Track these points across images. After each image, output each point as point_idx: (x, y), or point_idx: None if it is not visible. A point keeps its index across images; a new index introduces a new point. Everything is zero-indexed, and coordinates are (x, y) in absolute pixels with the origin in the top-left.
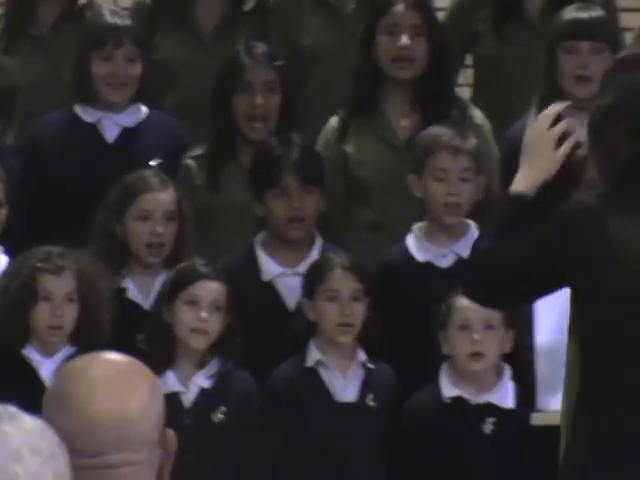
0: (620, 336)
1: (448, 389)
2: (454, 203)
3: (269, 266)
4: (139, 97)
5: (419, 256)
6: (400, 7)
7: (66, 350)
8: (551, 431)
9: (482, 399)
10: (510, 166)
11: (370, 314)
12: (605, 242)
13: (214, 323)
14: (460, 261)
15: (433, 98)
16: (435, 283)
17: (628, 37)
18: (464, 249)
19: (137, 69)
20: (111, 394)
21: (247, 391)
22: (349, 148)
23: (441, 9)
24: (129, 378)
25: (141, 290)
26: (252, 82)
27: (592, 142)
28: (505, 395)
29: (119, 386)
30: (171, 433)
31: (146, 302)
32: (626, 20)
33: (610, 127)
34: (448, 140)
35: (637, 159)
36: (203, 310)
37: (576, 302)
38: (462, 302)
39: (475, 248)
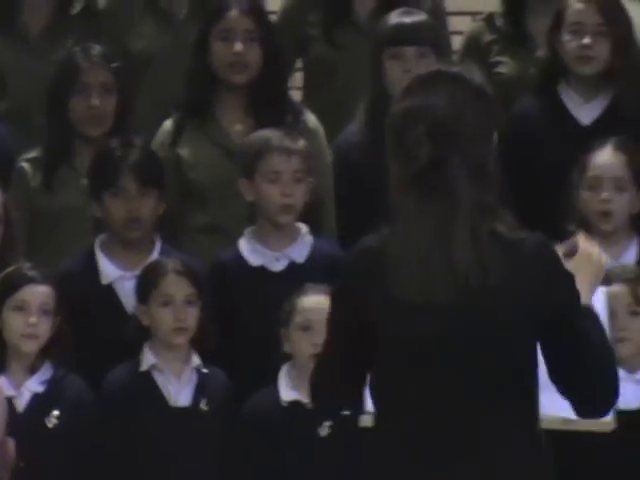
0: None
1: (286, 392)
2: (288, 204)
3: (108, 269)
4: None
5: (252, 260)
6: (234, 12)
7: None
8: None
9: None
10: (341, 170)
11: (204, 318)
12: (384, 278)
13: (44, 327)
14: (293, 265)
15: (267, 103)
16: (268, 287)
17: (457, 41)
18: (297, 253)
19: None
20: None
21: (80, 395)
22: (183, 151)
23: (273, 12)
24: None
25: None
26: (88, 83)
27: (391, 147)
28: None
29: None
30: (10, 442)
31: None
32: (454, 24)
33: (410, 128)
34: (279, 142)
35: (437, 161)
36: (32, 315)
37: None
38: (305, 302)
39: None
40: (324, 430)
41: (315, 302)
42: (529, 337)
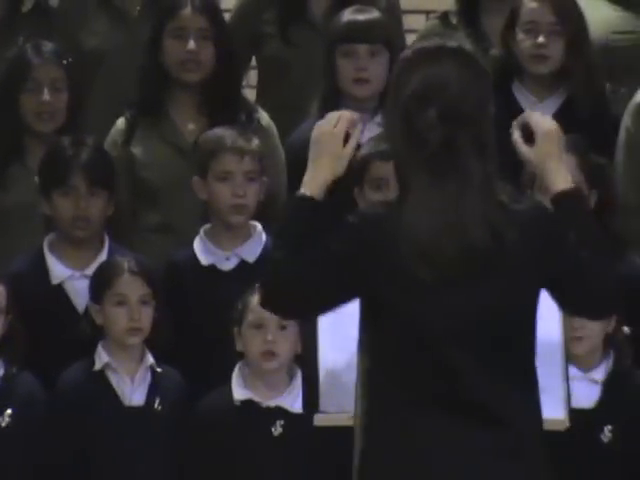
0: (407, 344)
1: (239, 392)
2: (240, 204)
3: (58, 269)
4: None
5: (203, 259)
6: (187, 11)
7: None
8: (339, 433)
9: (272, 402)
10: (295, 168)
11: (158, 317)
12: (395, 251)
13: None
14: (244, 264)
15: (220, 101)
16: (219, 286)
17: (411, 39)
18: (248, 252)
19: None
20: None
21: (32, 394)
22: (136, 150)
23: (226, 10)
24: None
25: None
26: (39, 80)
27: (402, 130)
28: (295, 398)
29: None
30: None
31: None
32: (409, 22)
33: (422, 112)
34: (233, 142)
35: (448, 142)
36: None
37: (367, 315)
38: (257, 301)
39: (267, 257)
40: (277, 429)
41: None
42: (536, 304)
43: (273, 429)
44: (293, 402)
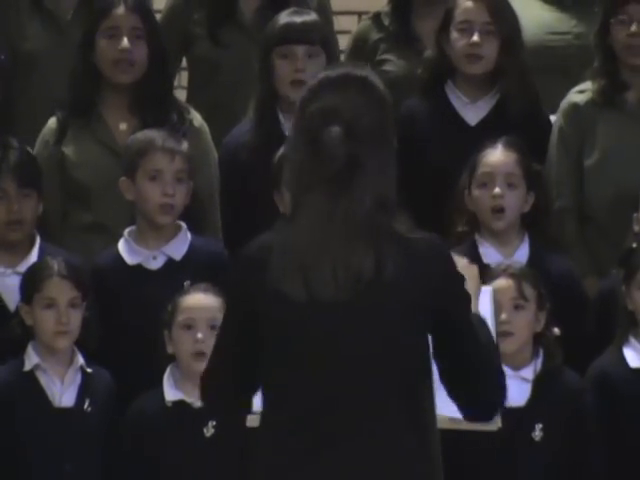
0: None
1: (171, 393)
2: (168, 204)
3: None
4: None
5: (129, 259)
6: (120, 10)
7: None
8: None
9: None
10: (229, 169)
11: (88, 318)
12: (275, 271)
13: None
14: (171, 262)
15: (152, 102)
16: (146, 285)
17: (344, 40)
18: (175, 250)
19: None
20: None
21: None
22: (68, 150)
23: (158, 11)
24: None
25: None
26: None
27: (304, 146)
28: None
29: None
30: None
31: None
32: (341, 23)
33: (325, 128)
34: (163, 142)
35: (353, 159)
36: None
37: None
38: (186, 301)
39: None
40: (209, 430)
41: (196, 301)
42: (420, 337)
43: (205, 430)
44: None
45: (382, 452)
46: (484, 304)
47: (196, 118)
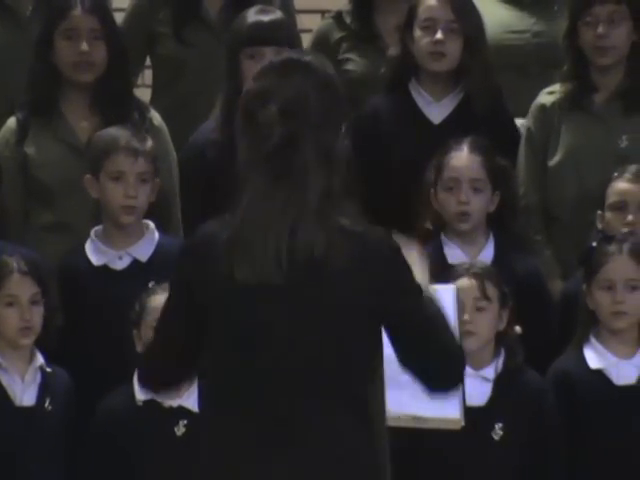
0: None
1: (141, 392)
2: (131, 205)
3: None
4: None
5: (95, 260)
6: (77, 11)
7: None
8: None
9: (175, 402)
10: (195, 168)
11: (48, 317)
12: (218, 255)
13: None
14: (137, 263)
15: (112, 100)
16: (112, 286)
17: (306, 39)
18: (141, 251)
19: None
20: None
21: None
22: (29, 149)
23: (120, 10)
24: None
25: None
26: None
27: (243, 127)
28: (197, 399)
29: None
30: None
31: None
32: (304, 22)
33: (262, 108)
34: (127, 142)
35: (289, 139)
36: None
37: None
38: (154, 302)
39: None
40: (181, 429)
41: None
42: (363, 329)
43: (176, 429)
44: (196, 402)
45: (319, 447)
46: (447, 302)
47: (155, 117)
